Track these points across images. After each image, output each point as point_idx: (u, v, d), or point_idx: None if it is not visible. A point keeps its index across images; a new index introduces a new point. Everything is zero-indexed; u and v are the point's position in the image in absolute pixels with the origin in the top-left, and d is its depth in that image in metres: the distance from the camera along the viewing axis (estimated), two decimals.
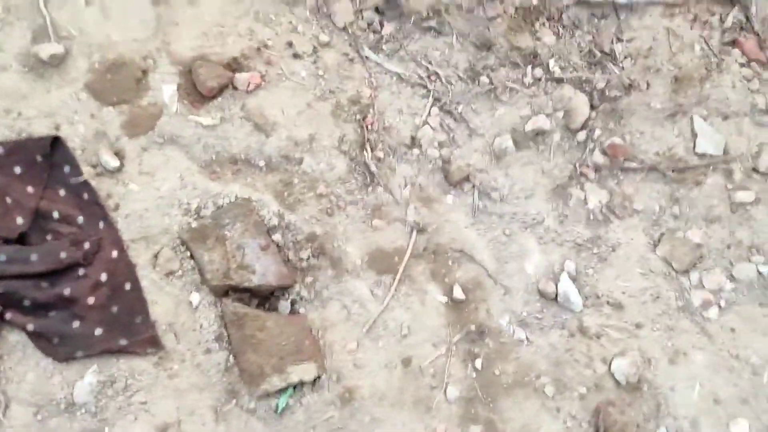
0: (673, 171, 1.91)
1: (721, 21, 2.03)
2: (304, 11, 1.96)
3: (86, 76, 1.75)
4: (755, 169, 1.93)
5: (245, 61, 1.86)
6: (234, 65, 1.85)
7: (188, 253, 1.68)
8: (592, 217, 1.89)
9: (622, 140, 1.93)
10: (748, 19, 2.03)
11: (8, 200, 1.63)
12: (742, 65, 1.99)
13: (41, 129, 1.70)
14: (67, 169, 1.68)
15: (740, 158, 1.93)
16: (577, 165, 1.92)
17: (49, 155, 1.68)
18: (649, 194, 1.91)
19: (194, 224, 1.68)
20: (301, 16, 1.95)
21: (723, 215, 1.90)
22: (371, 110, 1.91)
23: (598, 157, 1.92)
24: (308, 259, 1.75)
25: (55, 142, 1.69)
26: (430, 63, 1.96)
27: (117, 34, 1.79)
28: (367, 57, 1.96)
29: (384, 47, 1.97)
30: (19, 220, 1.62)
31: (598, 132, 1.93)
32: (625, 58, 1.99)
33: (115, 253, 1.65)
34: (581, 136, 1.93)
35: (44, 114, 1.71)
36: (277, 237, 1.73)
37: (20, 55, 1.73)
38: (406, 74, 1.95)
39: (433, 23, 1.98)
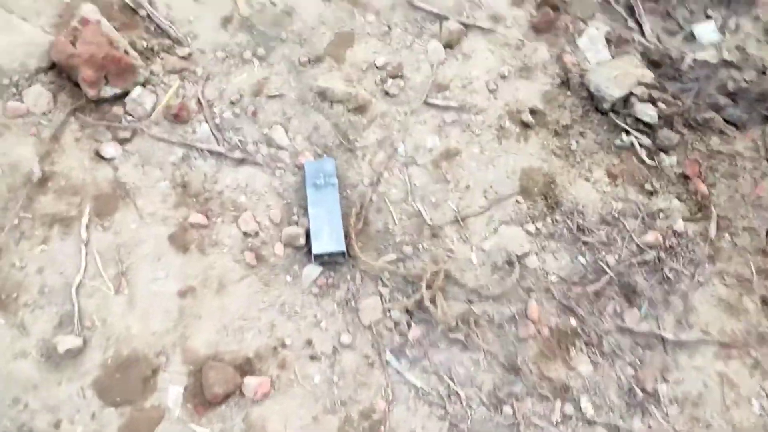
0: None
1: None
2: (332, 303, 1.93)
3: (97, 370, 1.74)
4: None
5: (258, 362, 1.81)
6: (246, 367, 1.80)
7: None
8: None
9: None
10: None
11: None
12: None
13: (42, 424, 1.68)
14: None
15: None
16: None
17: None
18: None
19: None
20: (327, 309, 1.91)
21: None
22: (382, 429, 1.78)
23: None
24: None
25: None
26: (452, 380, 1.84)
27: (137, 326, 1.80)
28: (388, 362, 1.87)
29: (408, 353, 1.87)
30: None
31: None
32: (671, 402, 1.79)
33: None
34: None
35: (48, 408, 1.69)
36: None
37: (41, 342, 1.75)
38: (426, 389, 1.83)
39: (461, 335, 1.88)
